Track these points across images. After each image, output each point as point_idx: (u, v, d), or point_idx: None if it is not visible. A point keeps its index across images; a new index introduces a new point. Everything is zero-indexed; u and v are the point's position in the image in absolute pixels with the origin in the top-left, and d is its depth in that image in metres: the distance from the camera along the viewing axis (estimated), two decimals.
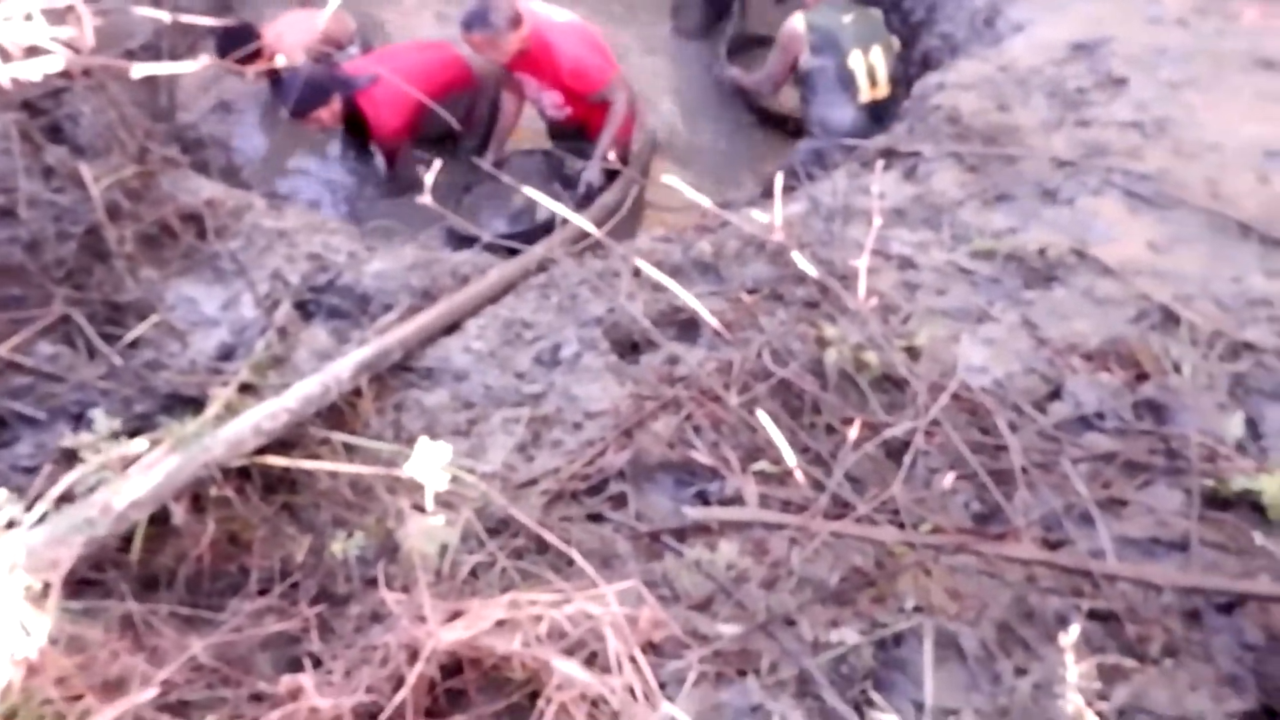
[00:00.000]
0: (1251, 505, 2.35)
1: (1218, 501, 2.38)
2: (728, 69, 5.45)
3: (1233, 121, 3.60)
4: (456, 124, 4.58)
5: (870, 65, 4.70)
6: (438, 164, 3.12)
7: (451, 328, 3.01)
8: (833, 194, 3.52)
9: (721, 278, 3.20)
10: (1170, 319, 2.88)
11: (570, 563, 2.22)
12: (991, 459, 2.50)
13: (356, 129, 4.82)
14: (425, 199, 2.99)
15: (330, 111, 4.54)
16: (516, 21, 4.41)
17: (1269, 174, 3.37)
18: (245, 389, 2.68)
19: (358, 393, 2.71)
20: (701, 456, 2.53)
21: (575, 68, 4.57)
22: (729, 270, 3.21)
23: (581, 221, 3.13)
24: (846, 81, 4.69)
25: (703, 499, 2.50)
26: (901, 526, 2.30)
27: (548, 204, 3.12)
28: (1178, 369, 2.73)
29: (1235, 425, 2.53)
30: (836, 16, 4.72)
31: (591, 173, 4.54)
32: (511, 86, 4.86)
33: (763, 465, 2.48)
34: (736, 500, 2.41)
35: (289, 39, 4.82)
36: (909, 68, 4.84)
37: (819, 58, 4.70)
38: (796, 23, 4.76)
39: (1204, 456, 2.47)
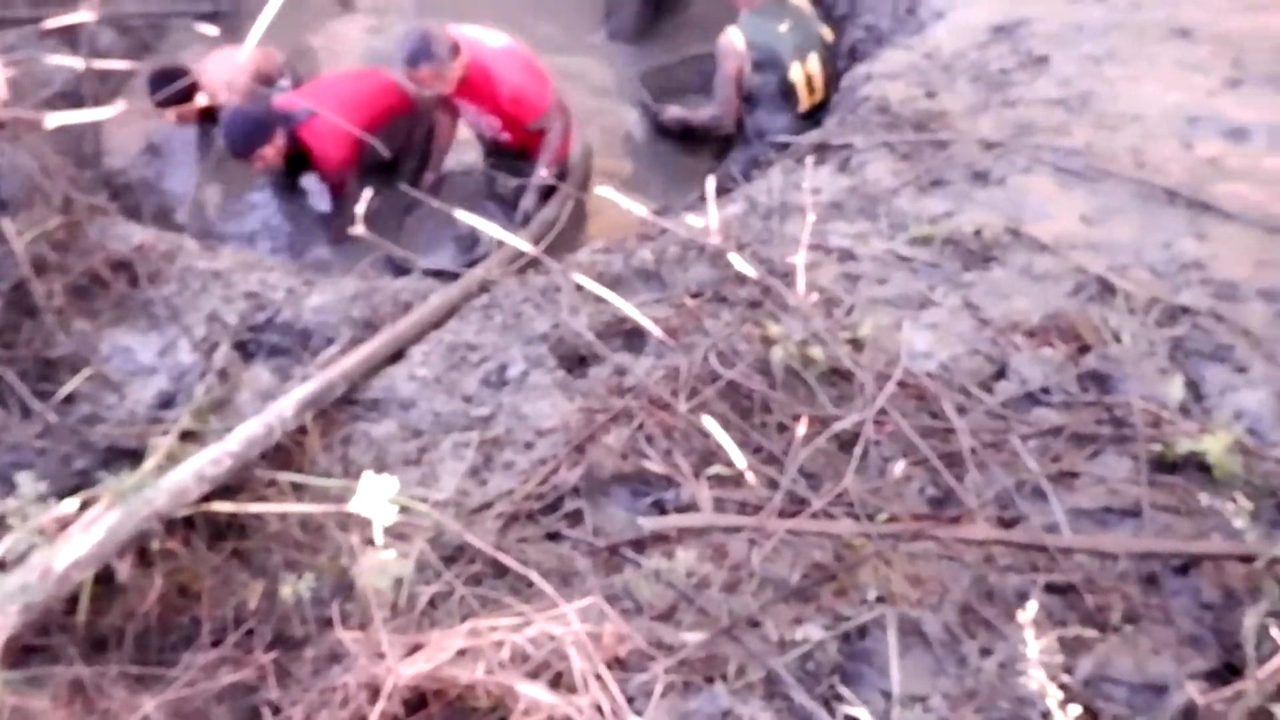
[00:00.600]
0: (1198, 466, 2.38)
1: (1165, 465, 2.41)
2: (666, 111, 5.15)
3: (1154, 91, 3.65)
4: (388, 154, 4.55)
5: (809, 74, 4.62)
6: (368, 194, 3.08)
7: (396, 356, 2.98)
8: (768, 192, 3.53)
9: (664, 284, 3.19)
10: (1107, 289, 2.91)
11: (530, 584, 2.20)
12: (942, 443, 2.51)
13: (298, 165, 4.76)
14: (360, 230, 2.95)
15: (275, 148, 4.48)
16: (457, 50, 4.41)
17: (1192, 140, 3.42)
18: (187, 436, 2.63)
19: (303, 430, 2.67)
20: (655, 465, 2.51)
21: (515, 95, 4.57)
22: (671, 276, 3.20)
23: (519, 242, 3.11)
24: (787, 94, 4.61)
25: (659, 508, 2.49)
26: (857, 518, 2.30)
27: (485, 228, 3.09)
28: (1118, 338, 2.75)
29: (1176, 389, 2.56)
30: (773, 27, 4.57)
31: (528, 202, 4.55)
32: (445, 105, 4.84)
33: (717, 469, 2.47)
34: (693, 507, 2.40)
35: (216, 76, 4.76)
36: (837, 60, 4.84)
37: (760, 74, 4.57)
38: (735, 40, 4.55)
39: (1149, 422, 2.50)
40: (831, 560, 2.25)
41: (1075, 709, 1.67)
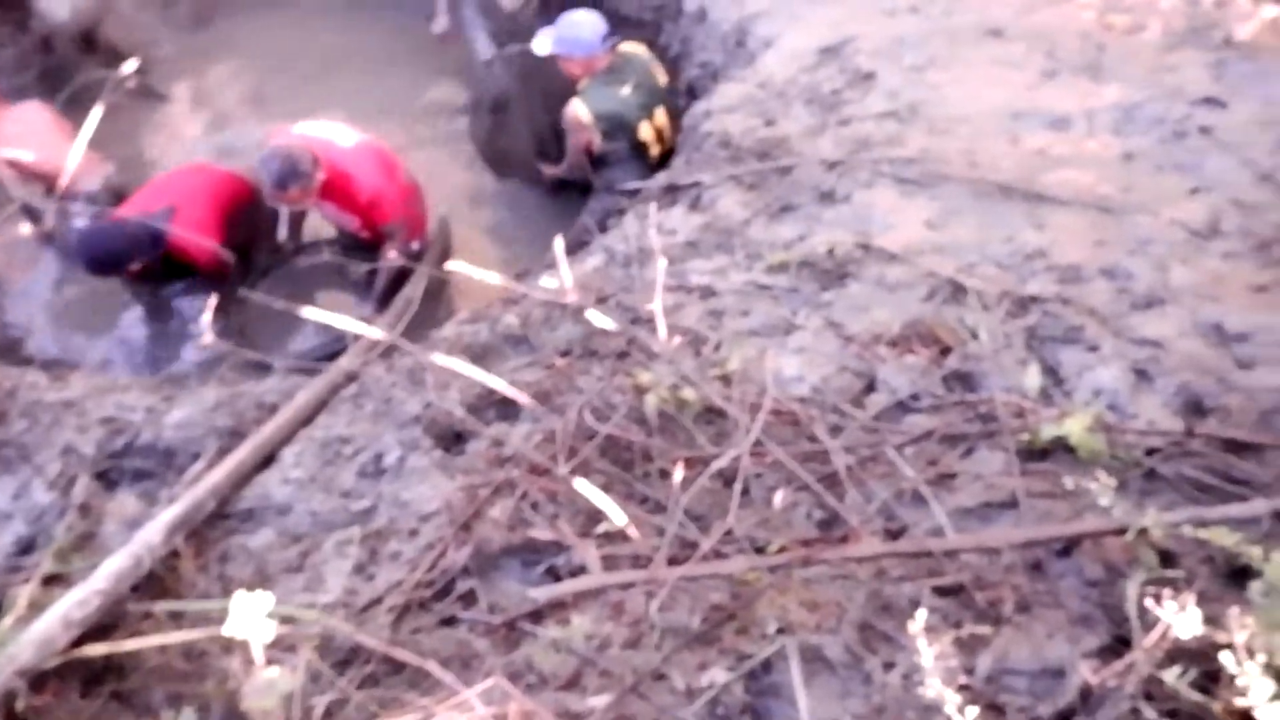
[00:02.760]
0: (1065, 449, 2.43)
1: (1035, 453, 2.46)
2: (546, 171, 5.25)
3: (976, 92, 3.79)
4: (231, 257, 4.50)
5: (658, 128, 4.68)
6: (213, 301, 3.00)
7: (266, 461, 2.89)
8: (625, 240, 3.55)
9: (533, 346, 3.17)
10: (959, 290, 2.99)
11: (429, 675, 2.14)
12: (821, 465, 2.53)
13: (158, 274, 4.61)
14: (208, 339, 2.87)
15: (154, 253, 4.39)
16: (317, 162, 4.40)
17: (1018, 134, 3.56)
18: (51, 580, 2.51)
19: (176, 554, 2.56)
20: (542, 533, 2.48)
21: (374, 199, 4.59)
22: (539, 338, 3.18)
23: (376, 332, 3.07)
24: (640, 153, 4.66)
25: (553, 574, 2.45)
26: (748, 553, 2.29)
27: (340, 322, 3.04)
28: (975, 336, 2.82)
29: (1034, 377, 2.63)
30: (616, 93, 4.58)
31: (376, 293, 4.61)
32: None
33: (605, 526, 2.45)
34: (584, 569, 2.36)
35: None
36: (677, 99, 4.92)
37: (611, 141, 4.61)
38: (581, 114, 4.57)
39: (1014, 414, 2.56)
40: (728, 599, 2.23)
41: (974, 711, 1.68)
